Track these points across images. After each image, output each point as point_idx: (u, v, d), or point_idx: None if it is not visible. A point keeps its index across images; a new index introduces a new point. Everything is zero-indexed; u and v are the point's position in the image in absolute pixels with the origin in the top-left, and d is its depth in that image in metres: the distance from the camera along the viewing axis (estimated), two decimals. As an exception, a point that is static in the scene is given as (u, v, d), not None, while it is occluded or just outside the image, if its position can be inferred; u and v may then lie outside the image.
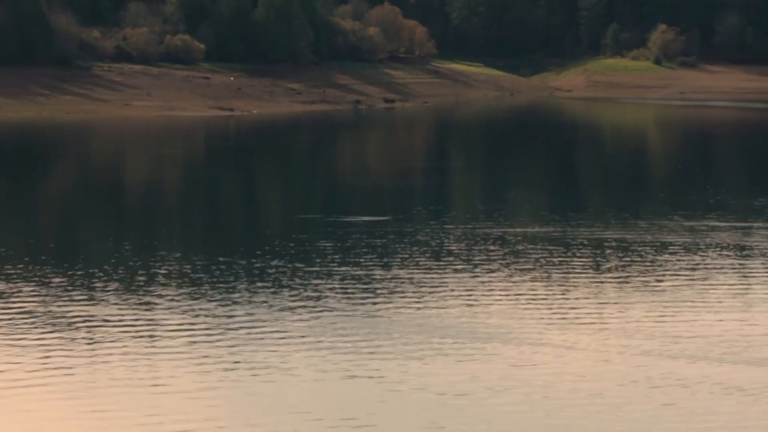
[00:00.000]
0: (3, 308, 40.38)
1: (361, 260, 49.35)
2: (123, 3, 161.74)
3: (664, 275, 46.91)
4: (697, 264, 49.00)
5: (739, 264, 49.48)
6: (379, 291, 43.68)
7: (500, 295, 43.51)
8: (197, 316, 39.76)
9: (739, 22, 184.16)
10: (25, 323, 38.50)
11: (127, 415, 30.05)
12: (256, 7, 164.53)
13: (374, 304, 41.74)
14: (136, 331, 37.76)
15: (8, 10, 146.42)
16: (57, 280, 45.08)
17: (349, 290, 43.65)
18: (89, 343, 36.44)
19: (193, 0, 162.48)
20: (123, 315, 39.86)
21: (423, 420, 29.91)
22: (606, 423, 29.77)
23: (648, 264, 49.11)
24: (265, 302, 41.61)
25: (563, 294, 43.71)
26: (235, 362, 34.51)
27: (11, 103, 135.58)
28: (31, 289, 43.31)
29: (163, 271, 47.54)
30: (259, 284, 44.60)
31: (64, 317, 39.29)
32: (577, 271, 47.81)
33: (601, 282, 45.96)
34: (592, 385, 32.59)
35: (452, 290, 44.10)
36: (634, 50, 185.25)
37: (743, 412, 30.59)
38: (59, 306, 40.77)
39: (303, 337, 37.12)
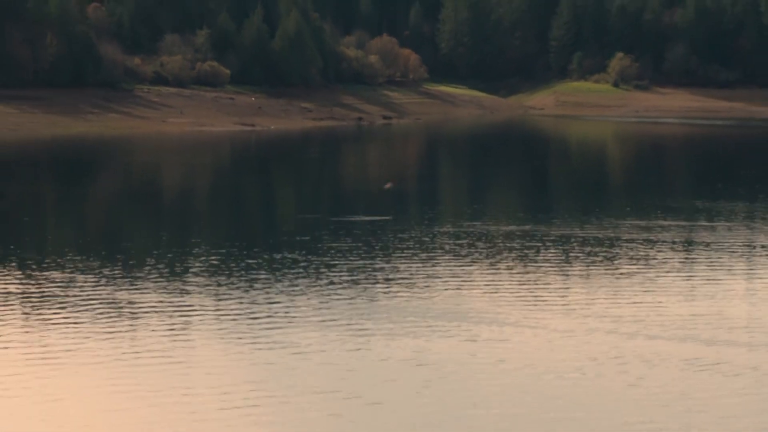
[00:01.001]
0: (61, 294, 40.49)
1: (364, 253, 49.42)
2: (160, 34, 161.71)
3: (620, 266, 47.02)
4: (648, 256, 49.10)
5: (684, 257, 49.61)
6: (379, 279, 43.76)
7: (482, 282, 43.59)
8: (224, 300, 39.84)
9: (685, 52, 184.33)
10: (80, 306, 38.60)
11: (163, 382, 30.16)
12: (274, 38, 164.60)
13: (375, 289, 41.82)
14: (173, 313, 37.84)
15: (63, 41, 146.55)
16: (105, 270, 45.16)
17: (353, 278, 43.72)
18: (132, 323, 36.54)
19: (219, 32, 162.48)
20: (161, 299, 39.93)
21: (411, 386, 29.99)
22: (556, 385, 30.00)
23: (607, 256, 49.22)
24: (282, 288, 41.69)
25: (535, 282, 43.79)
26: (255, 338, 34.60)
27: (65, 120, 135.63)
28: (85, 277, 43.40)
29: (195, 262, 47.61)
30: (277, 273, 44.67)
31: (112, 301, 39.38)
32: (548, 262, 47.91)
33: (568, 272, 46.05)
34: (554, 356, 32.73)
35: (442, 278, 44.17)
36: (596, 75, 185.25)
37: (678, 380, 30.73)
38: (108, 291, 40.85)
39: (313, 318, 37.20)
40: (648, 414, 28.03)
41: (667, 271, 45.72)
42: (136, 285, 42.30)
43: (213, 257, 49.42)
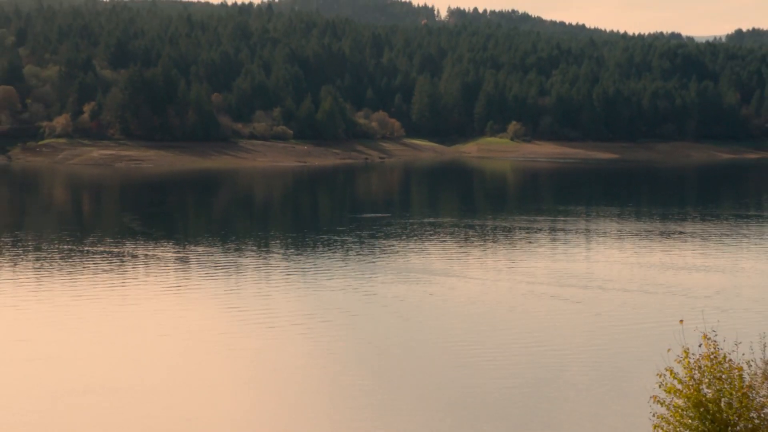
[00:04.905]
0: (195, 257, 40.25)
1: (371, 236, 49.22)
2: (253, 111, 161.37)
3: (515, 242, 46.82)
4: (530, 237, 48.90)
5: (550, 237, 49.43)
6: (380, 250, 43.57)
7: (440, 251, 43.41)
8: (289, 261, 39.64)
9: (551, 120, 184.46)
10: (204, 265, 38.37)
11: (250, 305, 30.01)
12: (317, 112, 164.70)
13: (377, 256, 41.61)
14: (257, 270, 37.66)
15: (198, 115, 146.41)
16: (221, 244, 44.94)
17: (364, 250, 43.54)
18: (235, 275, 36.37)
19: (286, 109, 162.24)
20: (252, 261, 39.72)
21: (392, 313, 29.86)
22: (484, 311, 29.86)
23: (507, 237, 49.02)
24: (322, 255, 41.48)
25: (469, 252, 43.64)
26: (306, 283, 34.43)
27: (199, 160, 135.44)
28: (208, 248, 43.17)
29: (271, 239, 47.43)
30: (319, 247, 44.47)
31: (224, 262, 39.14)
32: (476, 240, 47.75)
33: (488, 246, 45.87)
34: (481, 294, 32.57)
35: (417, 250, 43.97)
36: (500, 133, 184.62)
37: (559, 310, 30.57)
38: (221, 257, 40.60)
39: (341, 272, 37.04)
40: (526, 326, 28.14)
41: (540, 245, 45.59)
42: (238, 253, 42.09)
43: (281, 237, 49.24)
